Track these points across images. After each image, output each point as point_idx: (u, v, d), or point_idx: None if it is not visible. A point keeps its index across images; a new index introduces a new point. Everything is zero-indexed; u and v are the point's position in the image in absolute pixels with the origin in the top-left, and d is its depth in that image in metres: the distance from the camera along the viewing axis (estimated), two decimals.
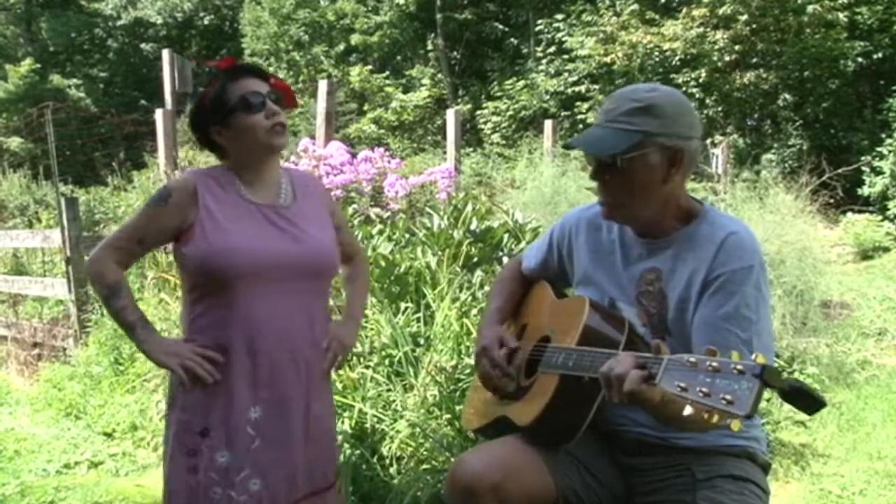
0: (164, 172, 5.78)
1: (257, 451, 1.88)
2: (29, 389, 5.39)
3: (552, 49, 17.37)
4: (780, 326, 4.61)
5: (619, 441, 1.82)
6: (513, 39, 20.60)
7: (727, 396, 1.23)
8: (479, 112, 18.87)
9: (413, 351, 3.37)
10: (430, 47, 21.99)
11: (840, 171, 6.67)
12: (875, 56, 13.27)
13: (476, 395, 2.10)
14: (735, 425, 1.24)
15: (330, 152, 4.89)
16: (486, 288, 3.61)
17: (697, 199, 1.82)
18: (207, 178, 1.93)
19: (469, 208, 4.33)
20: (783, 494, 3.35)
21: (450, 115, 7.38)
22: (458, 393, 3.18)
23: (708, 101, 14.11)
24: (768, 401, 3.94)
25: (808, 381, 4.42)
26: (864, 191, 11.72)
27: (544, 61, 17.76)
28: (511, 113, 17.81)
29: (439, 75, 21.42)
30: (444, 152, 8.25)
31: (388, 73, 21.78)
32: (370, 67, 21.52)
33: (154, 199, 1.92)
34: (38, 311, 6.60)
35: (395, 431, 3.13)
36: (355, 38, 22.25)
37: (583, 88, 16.13)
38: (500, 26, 20.81)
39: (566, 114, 16.31)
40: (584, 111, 15.56)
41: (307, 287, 1.95)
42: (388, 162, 5.08)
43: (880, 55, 13.22)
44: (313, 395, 1.97)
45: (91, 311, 5.34)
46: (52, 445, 4.12)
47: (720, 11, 13.37)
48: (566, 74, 16.78)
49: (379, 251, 3.77)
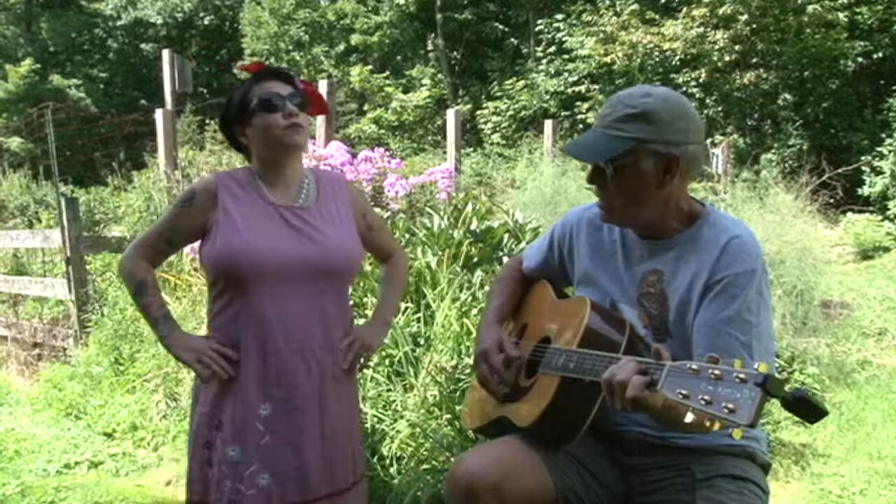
0: (164, 172, 5.78)
1: (267, 447, 1.90)
2: (29, 389, 5.39)
3: (552, 49, 17.39)
4: (781, 326, 4.61)
5: (619, 441, 1.82)
6: (513, 39, 20.62)
7: (729, 405, 1.23)
8: (479, 112, 18.88)
9: (413, 351, 3.37)
10: (430, 47, 22.00)
11: (840, 170, 6.67)
12: (875, 56, 13.27)
13: (476, 394, 2.10)
14: (737, 434, 1.23)
15: (330, 152, 4.89)
16: (487, 288, 3.61)
17: (699, 200, 1.82)
18: (230, 179, 1.99)
19: (469, 208, 4.33)
20: (783, 494, 3.35)
21: (450, 115, 7.38)
22: (458, 393, 3.18)
23: (708, 101, 14.11)
24: (768, 401, 3.94)
25: (808, 381, 4.42)
26: (865, 191, 11.72)
27: (544, 61, 17.78)
28: (511, 113, 17.82)
29: (439, 75, 21.43)
30: (445, 152, 8.25)
31: (388, 73, 21.80)
32: (370, 67, 21.53)
33: (179, 201, 2.00)
34: (39, 312, 6.60)
35: (396, 431, 3.13)
36: (355, 39, 22.28)
37: (583, 88, 16.14)
38: (501, 26, 20.83)
39: (566, 114, 16.31)
40: (584, 111, 15.57)
41: (321, 287, 1.97)
42: (389, 162, 5.07)
43: (880, 55, 13.22)
44: (328, 394, 1.98)
45: (91, 311, 5.34)
46: (52, 445, 4.12)
47: (720, 11, 13.37)
48: (566, 74, 16.80)
49: None
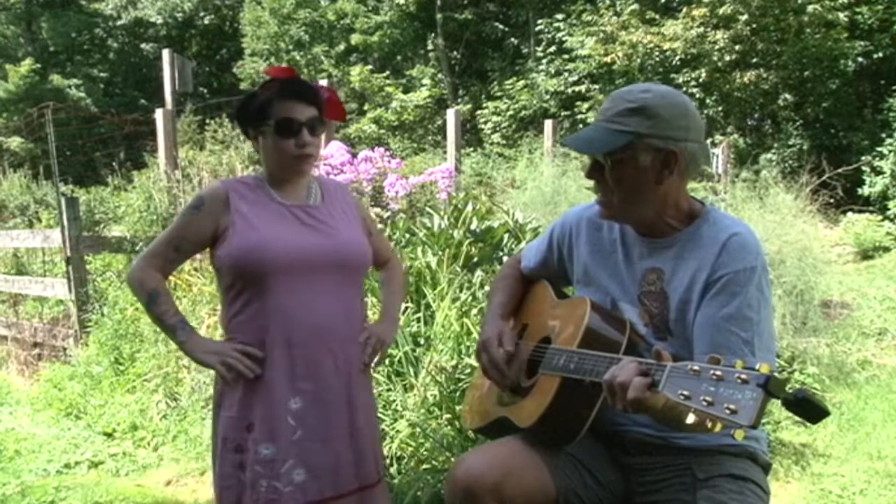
0: (165, 172, 5.78)
1: (300, 441, 1.92)
2: (29, 389, 5.39)
3: (552, 49, 17.37)
4: (781, 326, 4.61)
5: (620, 441, 1.82)
6: (513, 39, 20.61)
7: (731, 406, 1.23)
8: (479, 112, 18.86)
9: (413, 351, 3.37)
10: (430, 47, 21.99)
11: (840, 170, 6.66)
12: (875, 56, 13.26)
13: (476, 394, 2.10)
14: (739, 434, 1.23)
15: (330, 152, 4.89)
16: (487, 288, 3.61)
17: (699, 199, 1.82)
18: (238, 184, 2.02)
19: (469, 208, 4.33)
20: (784, 494, 3.35)
21: (450, 114, 7.38)
22: (458, 393, 3.18)
23: (708, 100, 14.10)
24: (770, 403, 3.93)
25: (808, 381, 4.42)
26: (865, 190, 11.72)
27: (544, 61, 17.76)
28: (511, 113, 17.80)
29: (439, 75, 21.42)
30: (445, 152, 8.25)
31: (388, 72, 21.77)
32: (370, 67, 21.52)
33: (188, 208, 2.01)
34: (39, 311, 6.61)
35: (396, 431, 3.13)
36: (355, 38, 22.25)
37: (583, 88, 16.12)
38: (501, 26, 20.81)
39: (566, 114, 16.30)
40: (584, 111, 15.55)
41: (340, 281, 2.00)
42: (389, 162, 5.07)
43: (881, 55, 13.21)
44: (354, 387, 2.01)
45: (91, 310, 5.34)
46: (52, 445, 4.12)
47: (720, 11, 13.36)
48: (566, 74, 16.78)
49: None
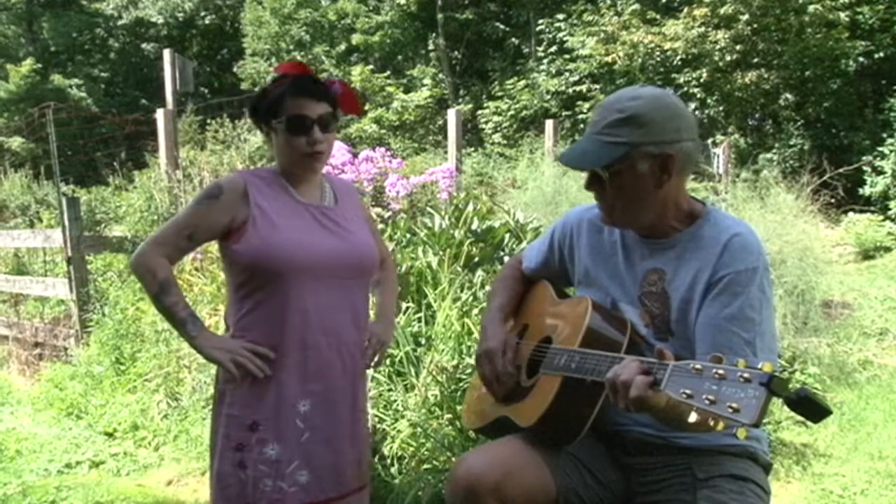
0: (166, 172, 5.78)
1: (307, 443, 1.92)
2: (30, 389, 5.39)
3: (553, 49, 17.37)
4: (782, 326, 4.60)
5: (620, 441, 1.82)
6: (514, 39, 20.59)
7: (733, 404, 1.23)
8: (480, 112, 18.85)
9: (414, 351, 3.37)
10: (431, 47, 21.99)
11: (841, 170, 6.64)
12: (876, 56, 13.25)
13: (476, 394, 2.09)
14: (741, 433, 1.23)
15: (331, 152, 4.89)
16: (487, 288, 3.61)
17: (699, 199, 1.82)
18: (256, 178, 1.99)
19: (470, 208, 4.33)
20: (784, 494, 3.35)
21: (451, 114, 7.37)
22: (459, 393, 3.18)
23: (709, 100, 14.10)
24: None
25: (809, 381, 4.41)
26: (866, 190, 11.71)
27: (545, 61, 17.75)
28: (512, 113, 17.80)
29: (440, 75, 21.42)
30: (446, 152, 8.24)
31: (389, 72, 21.76)
32: (371, 67, 21.50)
33: (204, 196, 1.95)
34: (40, 311, 6.61)
35: (397, 431, 3.13)
36: (356, 38, 22.25)
37: (584, 88, 16.12)
38: (502, 26, 20.80)
39: (567, 113, 16.29)
40: (585, 111, 15.54)
41: (352, 284, 2.00)
42: (390, 162, 5.07)
43: (882, 55, 13.20)
44: (358, 389, 2.03)
45: (92, 310, 5.34)
46: (53, 445, 4.12)
47: (721, 11, 13.35)
48: (567, 74, 16.77)
49: None
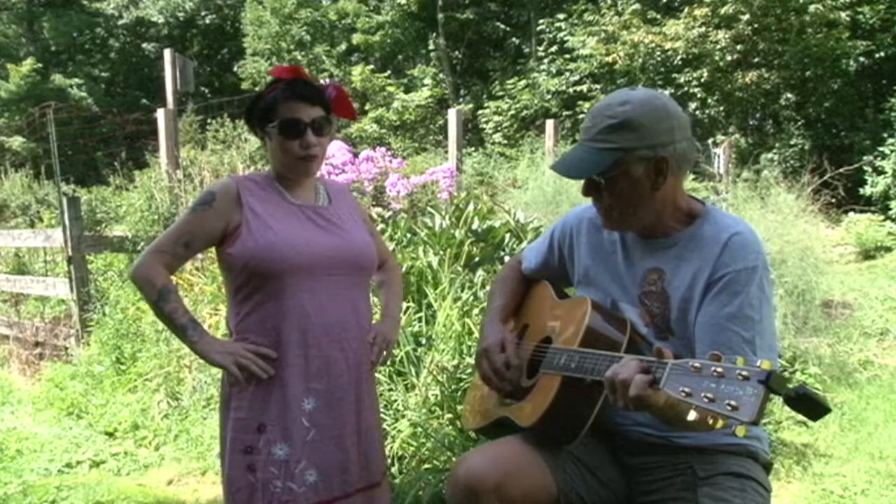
0: (166, 172, 5.78)
1: (313, 442, 1.92)
2: (31, 389, 5.40)
3: (554, 48, 17.37)
4: (782, 326, 4.60)
5: (621, 440, 1.82)
6: (514, 39, 20.61)
7: (732, 402, 1.23)
8: (480, 112, 18.87)
9: (415, 350, 3.37)
10: (431, 47, 22.00)
11: (842, 170, 6.63)
12: (877, 55, 13.26)
13: (476, 394, 2.10)
14: (740, 431, 1.23)
15: (332, 152, 4.88)
16: (488, 287, 3.61)
17: (698, 199, 1.82)
18: (248, 181, 2.01)
19: (471, 208, 4.33)
20: (785, 494, 3.35)
21: (451, 114, 7.37)
22: (459, 393, 3.18)
23: (710, 100, 14.10)
24: (770, 401, 3.93)
25: (809, 381, 4.41)
26: (867, 190, 11.71)
27: (546, 61, 17.76)
28: (513, 112, 17.81)
29: (441, 75, 21.42)
30: (446, 152, 8.25)
31: (389, 72, 21.79)
32: (372, 67, 21.53)
33: (198, 204, 1.97)
34: (40, 311, 6.61)
35: (397, 431, 3.13)
36: (357, 38, 22.26)
37: (584, 88, 16.12)
38: (502, 26, 20.82)
39: (568, 113, 16.30)
40: (585, 111, 15.50)
41: (351, 281, 2.01)
42: (390, 161, 5.07)
43: (882, 54, 13.20)
44: (363, 387, 2.03)
45: (93, 310, 5.34)
46: (53, 445, 4.12)
47: (722, 11, 13.35)
48: (568, 74, 16.78)
49: None
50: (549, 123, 8.38)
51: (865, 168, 11.69)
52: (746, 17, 13.25)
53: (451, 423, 3.13)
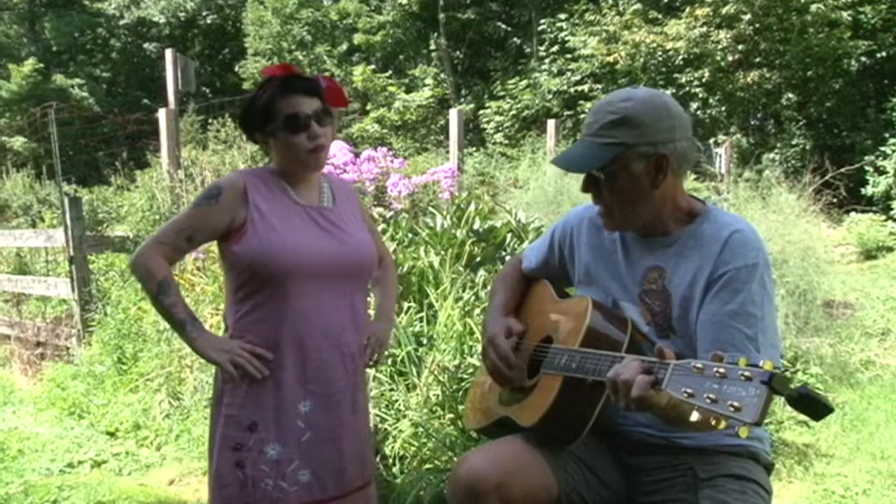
0: (167, 172, 5.78)
1: (308, 443, 1.92)
2: (32, 389, 5.40)
3: (555, 48, 17.38)
4: (784, 326, 4.60)
5: (622, 441, 1.82)
6: (516, 39, 20.61)
7: (735, 403, 1.22)
8: (481, 112, 18.88)
9: (416, 350, 3.37)
10: (432, 47, 22.00)
11: (843, 170, 6.63)
12: (879, 55, 13.26)
13: (477, 393, 2.10)
14: (743, 432, 1.23)
15: (333, 152, 4.88)
16: (489, 287, 3.61)
17: (699, 198, 1.82)
18: (255, 178, 1.98)
19: (472, 208, 4.32)
20: (786, 494, 3.35)
21: (453, 114, 7.37)
22: (460, 392, 3.18)
23: (711, 100, 14.10)
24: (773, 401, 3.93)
25: (811, 381, 4.41)
26: (868, 190, 11.71)
27: (547, 61, 17.76)
28: (514, 112, 17.81)
29: (442, 75, 21.43)
30: (447, 152, 8.25)
31: (390, 72, 21.81)
32: (373, 67, 21.54)
33: (204, 197, 1.95)
34: (42, 311, 6.61)
35: (398, 431, 3.13)
36: (358, 38, 22.28)
37: (586, 88, 16.13)
38: (503, 26, 20.82)
39: (569, 113, 16.30)
40: (586, 111, 15.49)
41: (351, 285, 2.01)
42: (391, 161, 5.06)
43: (884, 54, 13.20)
44: (358, 389, 2.03)
45: (94, 310, 5.35)
46: (55, 444, 4.12)
47: (723, 11, 13.35)
48: (569, 74, 16.79)
49: None
50: (551, 123, 8.38)
51: (867, 168, 11.69)
52: (748, 16, 13.25)
53: (452, 423, 3.13)
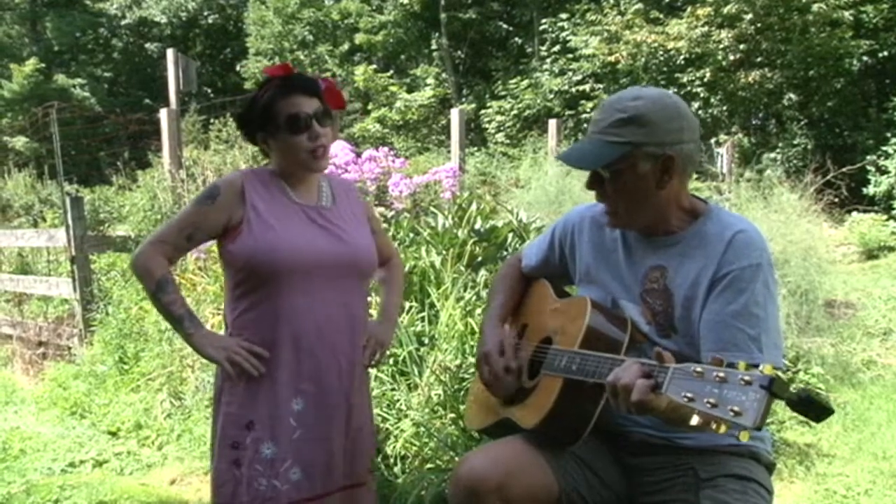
0: (169, 172, 5.78)
1: (298, 441, 1.93)
2: (34, 388, 5.40)
3: (556, 48, 17.39)
4: (785, 326, 4.60)
5: (623, 441, 1.82)
6: (517, 39, 20.61)
7: (735, 407, 1.22)
8: (483, 111, 18.88)
9: (417, 350, 3.37)
10: (434, 47, 22.02)
11: (845, 170, 6.62)
12: (880, 55, 13.24)
13: (478, 394, 2.09)
14: (744, 436, 1.24)
15: (334, 152, 4.88)
16: (489, 287, 3.61)
17: (702, 198, 1.82)
18: (253, 177, 1.99)
19: (473, 208, 4.32)
20: (788, 494, 3.34)
21: (454, 114, 7.37)
22: (462, 392, 3.18)
23: (712, 100, 14.09)
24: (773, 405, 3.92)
25: (812, 380, 4.40)
26: (870, 190, 11.69)
27: (548, 60, 17.77)
28: (515, 112, 17.82)
29: (444, 75, 21.44)
30: (449, 151, 8.25)
31: (392, 72, 21.82)
32: (374, 67, 21.55)
33: (202, 197, 1.97)
34: (43, 311, 6.61)
35: (400, 431, 3.13)
36: (360, 38, 22.29)
37: (587, 88, 16.14)
38: (505, 25, 20.83)
39: (570, 113, 16.31)
40: (588, 110, 15.55)
41: (348, 285, 2.00)
42: (393, 161, 5.06)
43: (886, 54, 13.19)
44: (354, 390, 2.03)
45: (96, 310, 5.35)
46: (57, 444, 4.13)
47: (725, 10, 13.35)
48: (570, 74, 16.79)
49: None
50: (552, 123, 8.37)
51: (868, 168, 11.67)
52: (749, 16, 13.25)
53: (453, 422, 3.13)
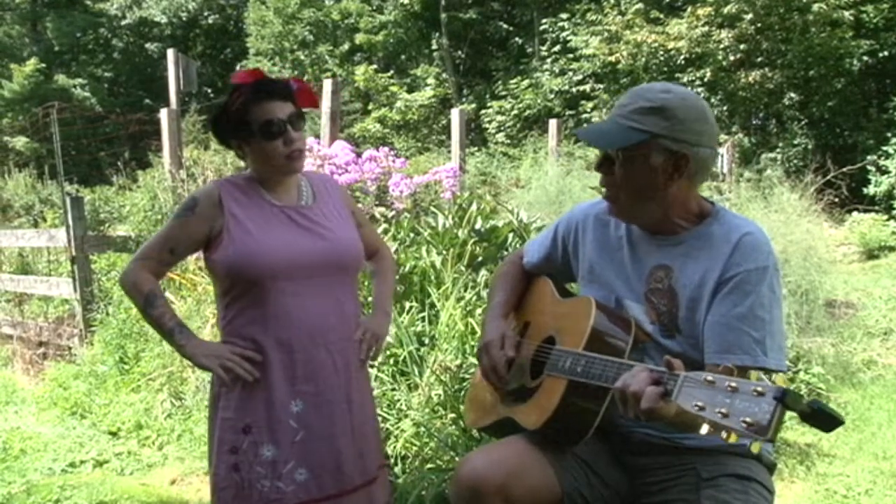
0: (169, 172, 5.79)
1: (302, 442, 1.93)
2: (34, 388, 5.40)
3: (557, 48, 17.39)
4: (786, 326, 4.59)
5: (624, 441, 1.81)
6: (517, 39, 20.61)
7: (747, 419, 1.21)
8: (483, 111, 18.88)
9: (418, 350, 3.37)
10: (434, 47, 22.02)
11: (845, 170, 6.63)
12: (881, 55, 13.24)
13: (480, 392, 2.09)
14: (755, 448, 1.22)
15: (335, 152, 4.88)
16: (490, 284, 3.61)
17: (709, 200, 1.81)
18: (230, 185, 2.00)
19: (474, 208, 4.32)
20: (788, 494, 3.34)
21: (454, 114, 7.37)
22: (462, 392, 3.18)
23: (713, 100, 14.08)
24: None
25: (813, 380, 4.40)
26: (870, 190, 11.69)
27: (549, 60, 17.77)
28: (516, 112, 17.83)
29: (444, 75, 21.44)
30: (449, 151, 8.26)
31: (392, 72, 21.82)
32: (375, 67, 21.55)
33: (182, 210, 1.99)
34: (44, 311, 6.61)
35: (400, 431, 3.13)
36: (360, 38, 22.30)
37: (587, 88, 16.15)
38: (505, 25, 20.82)
39: (571, 113, 16.31)
40: (588, 110, 15.57)
41: (335, 282, 2.00)
42: (393, 161, 5.06)
43: (886, 54, 13.18)
44: (353, 386, 2.03)
45: (96, 310, 5.35)
46: (57, 444, 4.12)
47: (725, 10, 13.35)
48: (571, 74, 16.80)
49: None
50: (553, 123, 8.38)
51: (869, 167, 11.68)
52: (749, 16, 13.24)
53: (454, 422, 3.13)
